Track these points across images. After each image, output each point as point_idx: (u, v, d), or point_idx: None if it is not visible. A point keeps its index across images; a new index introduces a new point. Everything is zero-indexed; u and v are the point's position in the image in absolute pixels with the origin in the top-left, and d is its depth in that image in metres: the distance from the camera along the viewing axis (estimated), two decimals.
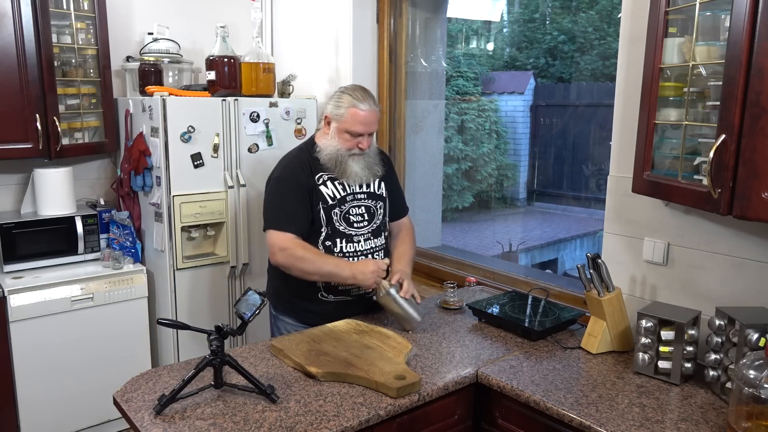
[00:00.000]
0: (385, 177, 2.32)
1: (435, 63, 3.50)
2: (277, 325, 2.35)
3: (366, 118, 2.13)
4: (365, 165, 2.21)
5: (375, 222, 2.28)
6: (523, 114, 5.61)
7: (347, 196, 2.22)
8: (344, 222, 2.21)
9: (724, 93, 1.47)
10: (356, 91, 2.17)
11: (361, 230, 2.24)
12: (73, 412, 2.93)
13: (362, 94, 2.16)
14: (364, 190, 2.25)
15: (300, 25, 3.47)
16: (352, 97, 2.14)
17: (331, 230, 2.19)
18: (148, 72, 3.13)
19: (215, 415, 1.58)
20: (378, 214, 2.29)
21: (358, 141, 2.16)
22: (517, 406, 1.80)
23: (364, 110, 2.13)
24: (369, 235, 2.26)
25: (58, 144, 2.90)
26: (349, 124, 2.13)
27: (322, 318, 2.18)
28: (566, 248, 5.48)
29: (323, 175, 2.19)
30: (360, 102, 2.13)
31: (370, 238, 2.26)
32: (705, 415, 1.63)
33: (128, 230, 3.10)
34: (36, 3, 2.73)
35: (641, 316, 1.85)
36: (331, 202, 2.18)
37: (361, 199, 2.24)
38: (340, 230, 2.20)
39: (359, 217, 2.24)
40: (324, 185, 2.18)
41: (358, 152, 2.17)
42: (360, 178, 2.20)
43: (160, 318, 1.75)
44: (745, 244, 1.84)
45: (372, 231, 2.27)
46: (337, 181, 2.20)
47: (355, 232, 2.22)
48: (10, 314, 2.71)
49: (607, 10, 4.58)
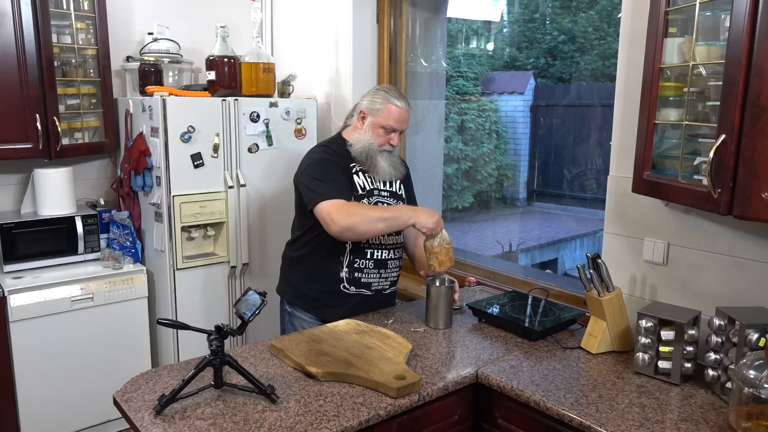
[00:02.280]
0: (405, 180, 2.40)
1: (435, 63, 3.50)
2: (292, 323, 2.36)
3: (401, 115, 2.22)
4: (391, 163, 2.28)
5: None
6: (523, 114, 5.61)
7: (374, 189, 2.27)
8: None
9: (724, 93, 1.47)
10: (392, 90, 2.27)
11: None
12: (73, 412, 2.93)
13: (398, 92, 2.26)
14: (388, 188, 2.31)
15: (300, 25, 3.47)
16: (389, 94, 2.23)
17: None
18: (148, 72, 3.13)
19: (215, 415, 1.58)
20: None
21: (390, 137, 2.24)
22: (517, 406, 1.80)
23: (400, 107, 2.22)
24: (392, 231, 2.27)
25: (58, 144, 2.90)
26: (385, 119, 2.21)
27: (343, 313, 2.23)
28: (566, 248, 5.47)
29: (355, 165, 2.25)
30: (396, 99, 2.22)
31: (392, 234, 2.28)
32: (705, 415, 1.63)
33: (128, 230, 3.10)
34: (36, 3, 2.73)
35: (641, 316, 1.85)
36: (361, 192, 2.24)
37: (385, 196, 2.30)
38: None
39: None
40: (356, 175, 2.25)
41: (388, 148, 2.25)
42: (387, 174, 2.27)
43: (160, 318, 1.75)
44: (745, 244, 1.84)
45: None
46: (366, 173, 2.26)
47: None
48: (10, 314, 2.71)
49: (607, 10, 4.58)
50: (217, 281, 3.09)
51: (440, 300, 2.22)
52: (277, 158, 3.12)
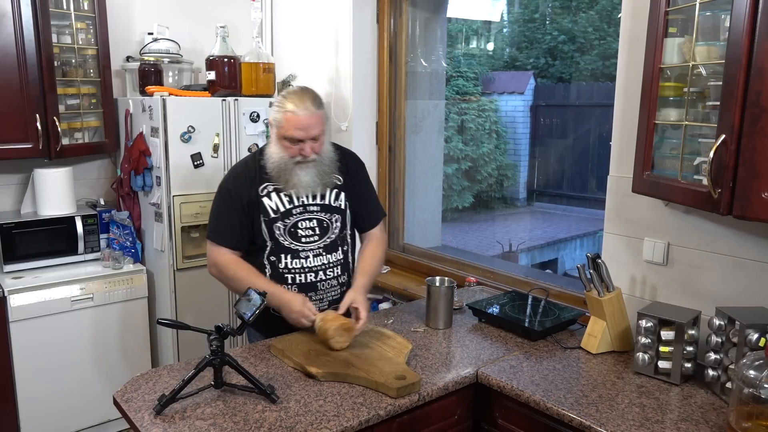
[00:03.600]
0: (347, 186, 2.13)
1: (435, 63, 3.50)
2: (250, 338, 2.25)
3: (304, 123, 1.94)
4: (316, 173, 2.03)
5: (329, 236, 2.10)
6: (523, 114, 5.61)
7: (294, 208, 2.05)
8: (289, 236, 2.05)
9: (724, 93, 1.47)
10: (294, 95, 1.99)
11: (310, 245, 2.07)
12: (73, 412, 2.93)
13: (301, 96, 1.98)
14: (317, 202, 2.07)
15: (300, 25, 3.47)
16: (289, 101, 1.96)
17: (275, 245, 2.05)
18: (148, 72, 3.13)
19: (215, 415, 1.58)
20: (333, 227, 2.10)
21: (300, 147, 1.97)
22: (517, 406, 1.80)
23: (300, 114, 1.94)
24: (320, 251, 2.08)
25: (58, 144, 2.90)
26: (286, 130, 1.96)
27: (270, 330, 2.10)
28: (566, 248, 5.48)
29: (268, 186, 2.04)
30: (296, 106, 1.95)
31: (321, 254, 2.08)
32: (705, 415, 1.63)
33: (128, 230, 3.10)
34: (36, 3, 2.73)
35: (641, 316, 1.85)
36: (273, 215, 2.03)
37: (313, 212, 2.07)
38: (284, 245, 2.05)
39: (309, 230, 2.07)
40: (268, 197, 2.03)
41: (302, 159, 1.99)
42: (308, 188, 2.03)
43: (160, 318, 1.75)
44: (745, 244, 1.84)
45: (325, 246, 2.09)
46: (284, 192, 2.03)
47: (302, 248, 2.06)
48: (10, 314, 2.71)
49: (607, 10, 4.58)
50: (217, 281, 3.08)
51: (440, 300, 2.22)
52: None
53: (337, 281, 2.15)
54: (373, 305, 3.12)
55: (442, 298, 2.21)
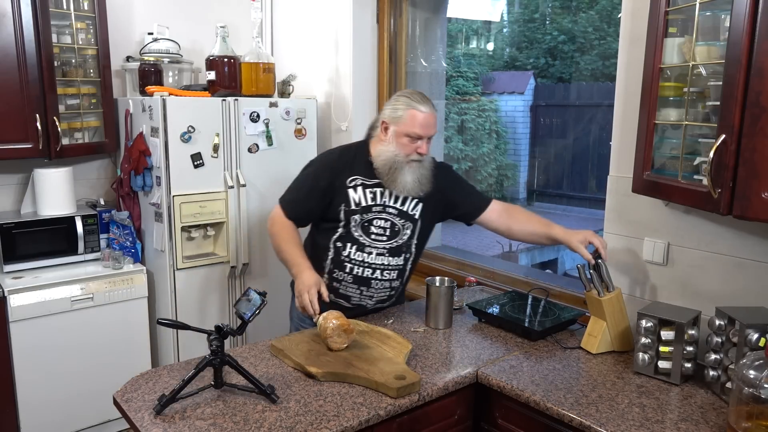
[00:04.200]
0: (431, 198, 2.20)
1: (435, 63, 3.50)
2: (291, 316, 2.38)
3: (425, 120, 2.07)
4: (418, 177, 2.13)
5: (396, 240, 2.19)
6: (523, 114, 5.62)
7: (375, 206, 2.15)
8: (362, 230, 2.15)
9: (724, 93, 1.47)
10: (414, 94, 2.13)
11: (377, 243, 2.16)
12: (73, 412, 2.92)
13: (420, 97, 2.12)
14: (397, 206, 2.17)
15: (300, 25, 3.47)
16: (411, 99, 2.10)
17: (346, 232, 2.15)
18: (148, 72, 3.13)
19: (215, 415, 1.58)
20: (403, 234, 2.19)
21: (417, 146, 2.09)
22: (517, 406, 1.80)
23: (423, 112, 2.07)
24: (384, 251, 2.17)
25: (58, 144, 2.90)
26: (408, 126, 2.07)
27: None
28: (566, 248, 5.47)
29: (358, 179, 2.15)
30: (418, 104, 2.08)
31: (384, 254, 2.17)
32: (705, 415, 1.63)
33: (128, 230, 3.10)
34: (36, 3, 2.73)
35: (641, 316, 1.85)
36: (354, 207, 2.14)
37: (391, 213, 2.17)
38: (354, 235, 2.15)
39: (381, 230, 2.16)
40: (354, 189, 2.14)
41: (416, 158, 2.10)
42: (409, 189, 2.13)
43: (160, 318, 1.75)
44: (745, 244, 1.84)
45: (390, 248, 2.18)
46: (370, 189, 2.14)
47: (369, 243, 2.16)
48: (10, 314, 2.71)
49: (607, 10, 4.58)
50: (217, 281, 3.09)
51: (440, 300, 2.22)
52: (277, 158, 3.12)
53: (390, 284, 2.25)
54: None
55: (442, 298, 2.22)
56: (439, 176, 2.24)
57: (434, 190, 2.20)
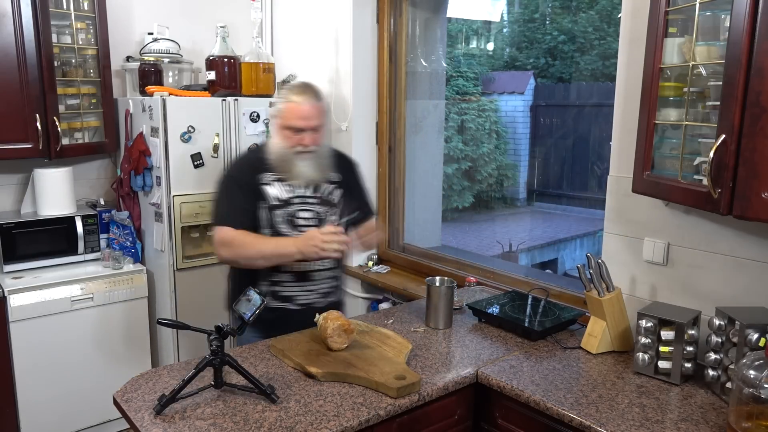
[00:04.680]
0: (341, 184, 2.20)
1: (435, 63, 3.50)
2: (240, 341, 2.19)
3: (304, 112, 2.04)
4: (314, 165, 2.11)
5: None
6: (523, 114, 5.61)
7: (294, 198, 2.12)
8: (288, 225, 2.11)
9: (724, 93, 1.47)
10: (296, 87, 2.11)
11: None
12: (73, 412, 2.93)
13: (303, 89, 2.09)
14: (316, 195, 2.15)
15: (300, 25, 3.47)
16: (291, 92, 2.08)
17: (273, 233, 2.10)
18: (148, 72, 3.13)
19: (215, 415, 1.58)
20: (329, 220, 2.16)
21: (300, 138, 2.06)
22: (517, 406, 1.80)
23: (301, 104, 2.04)
24: None
25: (58, 144, 2.90)
26: (288, 119, 2.05)
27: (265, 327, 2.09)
28: (566, 248, 5.48)
29: (270, 175, 2.11)
30: (296, 96, 2.05)
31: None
32: (705, 415, 1.63)
33: (128, 230, 3.10)
34: (36, 3, 2.73)
35: (641, 316, 1.85)
36: (274, 202, 2.10)
37: (311, 203, 2.14)
38: (282, 233, 2.10)
39: (306, 221, 2.13)
40: (269, 185, 2.11)
41: (302, 149, 2.07)
42: (307, 178, 2.11)
43: (160, 318, 1.75)
44: (745, 244, 1.84)
45: None
46: (283, 182, 2.11)
47: (299, 235, 2.09)
48: (10, 314, 2.71)
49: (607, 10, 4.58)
50: (217, 281, 3.08)
51: (440, 300, 2.22)
52: None
53: (330, 273, 2.20)
54: (373, 305, 3.13)
55: (442, 298, 2.22)
56: (343, 167, 2.24)
57: (342, 176, 2.20)
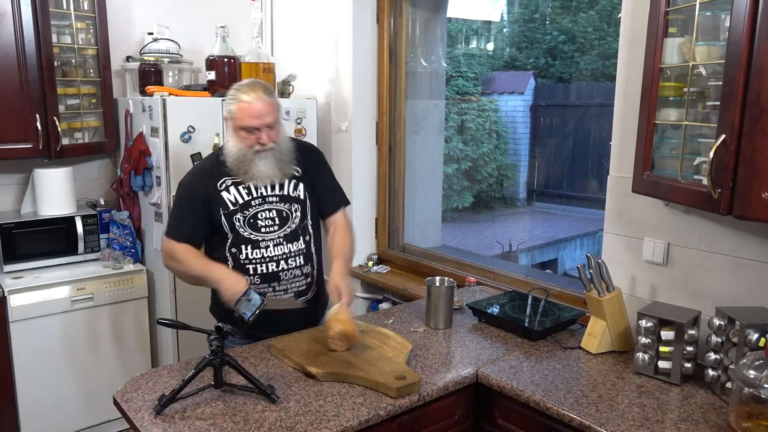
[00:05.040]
0: (305, 176, 2.16)
1: (435, 63, 3.50)
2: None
3: (256, 111, 1.98)
4: (274, 162, 2.06)
5: (289, 226, 2.12)
6: (523, 114, 5.61)
7: (253, 200, 2.08)
8: (249, 227, 2.07)
9: (724, 93, 1.47)
10: (246, 86, 2.04)
11: (269, 235, 2.09)
12: (73, 412, 2.93)
13: (252, 87, 2.03)
14: (276, 193, 2.11)
15: (300, 25, 3.47)
16: (241, 92, 2.01)
17: (235, 236, 2.07)
18: (148, 72, 3.13)
19: (215, 415, 1.58)
20: (293, 217, 2.12)
21: (257, 136, 2.01)
22: (517, 406, 1.80)
23: (252, 103, 1.98)
24: (280, 240, 2.10)
25: (58, 144, 2.90)
26: (241, 120, 2.00)
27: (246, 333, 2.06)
28: (566, 248, 5.48)
29: (227, 180, 2.07)
30: (244, 95, 1.99)
31: (282, 243, 2.10)
32: (705, 415, 1.63)
33: (128, 230, 3.10)
34: (36, 3, 2.73)
35: (641, 316, 1.85)
36: (233, 207, 2.06)
37: (272, 202, 2.10)
38: (244, 236, 2.07)
39: (269, 221, 2.10)
40: (226, 191, 2.07)
41: (260, 148, 2.02)
42: (267, 177, 2.06)
43: (160, 318, 1.75)
44: (745, 244, 1.84)
45: (285, 236, 2.11)
46: (242, 185, 2.07)
47: (262, 237, 2.08)
48: (10, 314, 2.71)
49: (607, 10, 4.58)
50: None
51: (440, 300, 2.22)
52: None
53: (300, 271, 2.14)
54: (373, 305, 3.12)
55: (442, 298, 2.22)
56: (306, 158, 2.19)
57: (305, 167, 2.17)
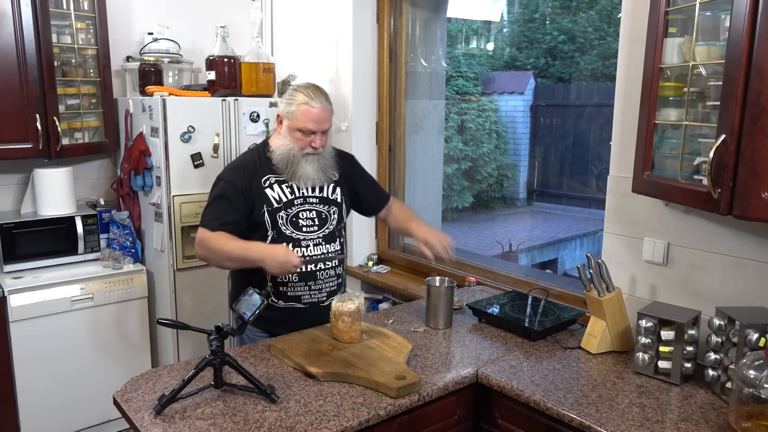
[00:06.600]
0: (342, 180, 2.24)
1: (435, 63, 3.50)
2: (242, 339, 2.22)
3: (318, 116, 2.06)
4: (319, 167, 2.14)
5: (328, 227, 2.18)
6: (523, 114, 5.61)
7: (296, 199, 2.14)
8: (291, 226, 2.12)
9: (724, 93, 1.47)
10: (308, 89, 2.10)
11: (310, 235, 2.14)
12: (73, 412, 2.93)
13: (314, 91, 2.10)
14: (317, 195, 2.17)
15: (300, 25, 3.47)
16: (304, 94, 2.07)
17: (277, 234, 2.11)
18: (148, 72, 3.13)
19: (215, 415, 1.58)
20: (331, 219, 2.19)
21: (311, 140, 2.08)
22: (517, 406, 1.80)
23: (315, 107, 2.06)
24: (320, 240, 2.16)
25: (58, 144, 2.90)
26: (301, 122, 2.06)
27: (272, 325, 2.13)
28: (566, 248, 5.48)
29: (271, 177, 2.12)
30: (311, 99, 2.06)
31: (321, 243, 2.16)
32: (705, 415, 1.63)
33: (128, 230, 3.10)
34: (36, 3, 2.73)
35: (641, 316, 1.85)
36: (276, 205, 2.11)
37: (313, 203, 2.16)
38: (286, 234, 2.11)
39: (309, 221, 2.15)
40: (270, 188, 2.12)
41: (311, 151, 2.10)
42: (312, 180, 2.13)
43: (160, 318, 1.75)
44: (745, 244, 1.84)
45: (324, 236, 2.17)
46: (285, 183, 2.13)
47: (303, 237, 2.13)
48: (10, 314, 2.71)
49: (607, 10, 4.58)
50: (217, 281, 3.08)
51: (440, 300, 2.22)
52: None
53: (334, 272, 2.21)
54: (373, 305, 3.12)
55: (442, 298, 2.22)
56: (344, 165, 2.27)
57: (342, 176, 2.25)
